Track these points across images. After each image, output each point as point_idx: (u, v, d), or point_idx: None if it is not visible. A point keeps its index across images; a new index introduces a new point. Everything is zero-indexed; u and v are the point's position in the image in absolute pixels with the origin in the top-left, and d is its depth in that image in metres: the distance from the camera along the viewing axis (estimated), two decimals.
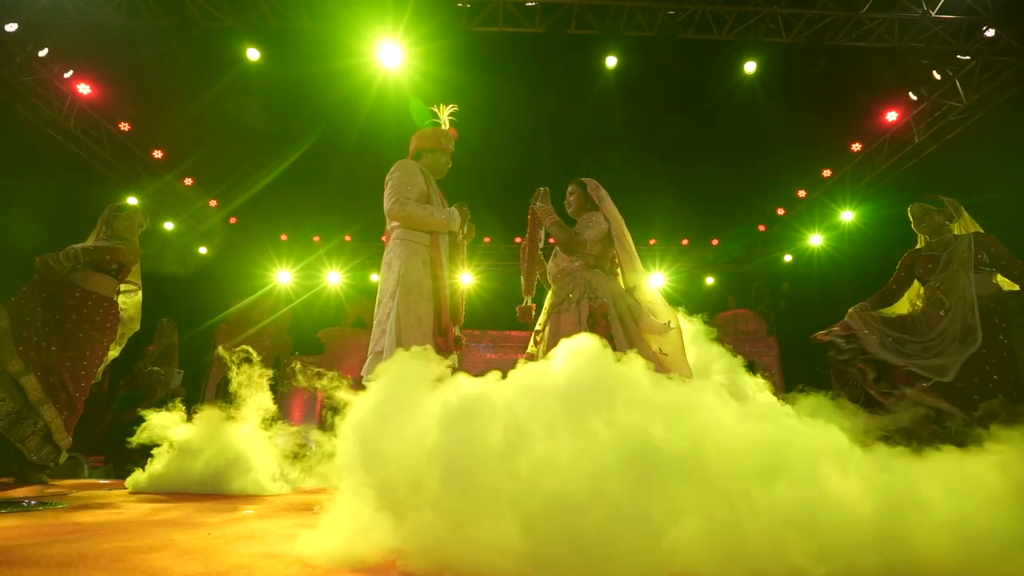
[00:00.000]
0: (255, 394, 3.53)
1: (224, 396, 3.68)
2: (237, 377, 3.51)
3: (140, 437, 3.45)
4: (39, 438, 3.18)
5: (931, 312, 3.14)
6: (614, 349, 1.44)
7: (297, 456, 3.67)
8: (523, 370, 1.42)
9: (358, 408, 1.39)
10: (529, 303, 2.93)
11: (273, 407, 3.60)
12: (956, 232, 3.21)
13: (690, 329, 3.21)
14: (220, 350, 3.66)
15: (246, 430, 3.44)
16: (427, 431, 1.26)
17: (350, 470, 1.35)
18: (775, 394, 3.26)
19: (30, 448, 3.15)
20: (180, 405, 3.76)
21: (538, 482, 1.11)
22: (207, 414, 3.46)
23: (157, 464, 3.37)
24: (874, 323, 3.31)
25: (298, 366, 2.62)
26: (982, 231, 3.16)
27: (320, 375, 1.97)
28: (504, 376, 1.40)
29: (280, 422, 3.71)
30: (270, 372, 3.66)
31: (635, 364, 1.38)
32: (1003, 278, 3.07)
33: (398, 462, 1.26)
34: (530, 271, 2.96)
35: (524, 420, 1.22)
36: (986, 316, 2.96)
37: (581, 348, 1.42)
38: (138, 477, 3.34)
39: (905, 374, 3.11)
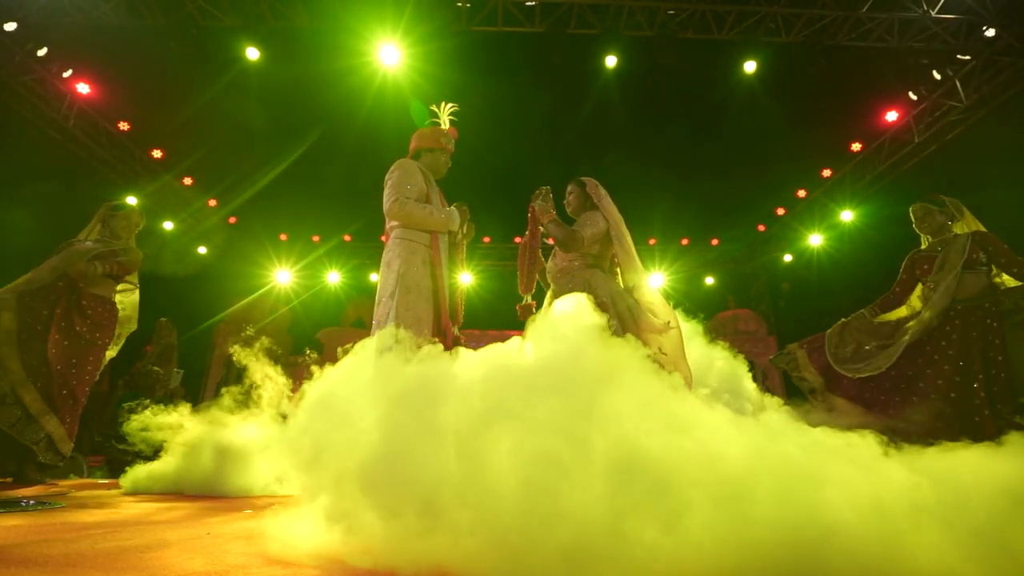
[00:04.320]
0: (270, 390, 3.50)
1: (235, 383, 3.64)
2: (256, 371, 3.48)
3: (139, 436, 3.44)
4: (44, 444, 3.20)
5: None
6: None
7: None
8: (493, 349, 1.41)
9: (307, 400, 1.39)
10: (529, 301, 2.93)
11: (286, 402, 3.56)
12: (957, 232, 3.20)
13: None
14: (233, 347, 3.63)
15: (250, 429, 3.40)
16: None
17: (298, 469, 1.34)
18: (773, 395, 3.27)
19: (40, 450, 3.18)
20: (185, 403, 3.74)
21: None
22: (208, 413, 3.44)
23: (157, 464, 3.35)
24: (855, 333, 3.34)
25: (310, 355, 2.61)
26: (984, 230, 3.14)
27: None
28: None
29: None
30: (279, 368, 3.63)
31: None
32: (1008, 276, 3.06)
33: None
34: (529, 269, 2.96)
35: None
36: (974, 316, 2.94)
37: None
38: (138, 477, 3.33)
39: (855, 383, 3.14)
